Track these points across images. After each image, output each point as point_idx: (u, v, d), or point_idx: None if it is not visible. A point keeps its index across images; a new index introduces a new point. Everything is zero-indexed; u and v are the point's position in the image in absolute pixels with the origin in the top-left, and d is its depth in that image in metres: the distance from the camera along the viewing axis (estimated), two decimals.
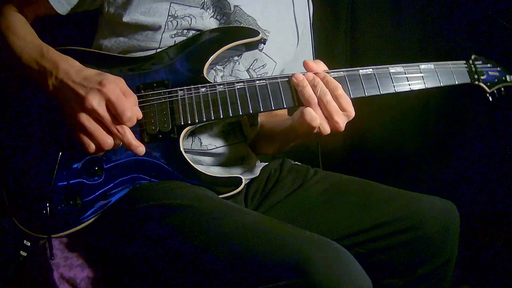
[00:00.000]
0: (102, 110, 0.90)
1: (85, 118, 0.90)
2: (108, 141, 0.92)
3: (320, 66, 1.07)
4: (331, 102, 1.01)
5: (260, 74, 1.19)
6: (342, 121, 1.02)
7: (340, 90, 1.02)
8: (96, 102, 0.89)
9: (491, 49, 1.73)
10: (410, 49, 1.92)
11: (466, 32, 1.82)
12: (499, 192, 1.83)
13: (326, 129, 1.02)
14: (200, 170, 1.02)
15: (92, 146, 0.92)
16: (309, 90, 1.02)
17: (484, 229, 1.86)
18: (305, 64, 1.07)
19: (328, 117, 1.02)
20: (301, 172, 1.22)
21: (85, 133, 0.91)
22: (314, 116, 1.00)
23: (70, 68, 0.94)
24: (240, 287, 0.80)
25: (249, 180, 1.20)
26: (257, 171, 1.23)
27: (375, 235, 1.07)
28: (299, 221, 1.07)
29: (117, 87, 0.91)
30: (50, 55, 0.97)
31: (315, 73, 1.04)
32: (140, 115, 0.96)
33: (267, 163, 1.28)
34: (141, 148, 0.94)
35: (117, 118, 0.91)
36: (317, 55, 1.34)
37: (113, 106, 0.90)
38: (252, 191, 1.19)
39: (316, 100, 1.01)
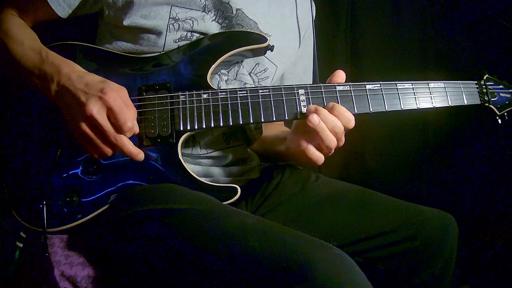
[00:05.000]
0: (102, 118, 0.89)
1: (85, 125, 0.90)
2: (107, 150, 0.92)
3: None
4: (342, 139, 0.99)
5: (262, 78, 1.18)
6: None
7: (352, 123, 0.99)
8: (96, 110, 0.89)
9: (491, 49, 1.73)
10: (410, 49, 1.92)
11: (466, 32, 1.81)
12: (499, 192, 1.82)
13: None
14: (196, 177, 1.01)
15: (94, 153, 0.93)
16: (329, 135, 0.96)
17: (484, 229, 1.85)
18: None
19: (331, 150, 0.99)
20: (302, 177, 1.22)
21: (86, 140, 0.91)
22: (321, 157, 0.98)
23: (72, 73, 0.93)
24: (240, 287, 0.80)
25: (248, 181, 1.19)
26: (258, 173, 1.23)
27: (372, 244, 1.07)
28: (297, 224, 1.07)
29: (118, 96, 0.90)
30: (50, 59, 0.96)
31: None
32: (137, 130, 0.95)
33: (268, 165, 1.28)
34: (140, 155, 0.95)
35: (117, 127, 0.91)
36: (317, 55, 1.33)
37: (114, 115, 0.90)
38: (252, 192, 1.18)
39: (336, 143, 0.97)
